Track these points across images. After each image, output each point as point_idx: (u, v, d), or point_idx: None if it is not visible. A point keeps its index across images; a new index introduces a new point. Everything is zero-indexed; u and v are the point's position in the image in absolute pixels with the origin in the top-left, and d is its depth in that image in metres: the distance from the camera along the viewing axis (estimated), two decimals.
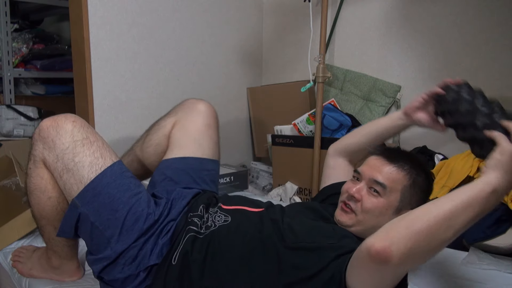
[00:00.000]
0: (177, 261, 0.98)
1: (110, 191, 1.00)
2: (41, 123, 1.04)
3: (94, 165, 1.01)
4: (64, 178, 1.01)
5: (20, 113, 2.42)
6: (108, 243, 1.00)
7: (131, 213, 1.01)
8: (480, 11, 1.84)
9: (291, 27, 2.50)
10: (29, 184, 1.07)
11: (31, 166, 1.06)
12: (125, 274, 1.00)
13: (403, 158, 1.07)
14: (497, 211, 1.49)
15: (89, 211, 1.00)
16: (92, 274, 1.25)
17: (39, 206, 1.07)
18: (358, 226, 1.04)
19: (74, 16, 1.85)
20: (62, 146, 1.00)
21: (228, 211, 1.08)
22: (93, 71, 1.87)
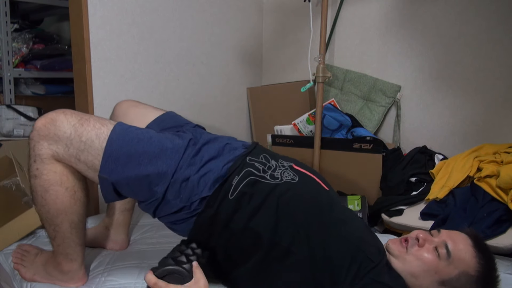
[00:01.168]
0: (234, 197, 1.06)
1: (124, 151, 1.05)
2: (36, 124, 1.06)
3: (100, 135, 1.05)
4: (82, 159, 1.05)
5: (20, 113, 2.41)
6: (150, 190, 1.06)
7: (153, 157, 1.06)
8: (480, 11, 1.84)
9: (291, 27, 2.50)
10: (42, 182, 1.06)
11: (39, 166, 1.06)
12: (178, 206, 1.07)
13: (487, 254, 1.04)
14: (497, 211, 1.49)
15: (118, 177, 1.05)
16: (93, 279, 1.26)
17: (57, 201, 1.07)
18: (399, 261, 1.05)
19: (74, 16, 1.85)
20: (65, 134, 1.04)
21: (298, 172, 1.14)
22: (93, 71, 1.87)
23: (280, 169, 1.13)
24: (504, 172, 1.50)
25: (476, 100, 1.88)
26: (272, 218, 1.03)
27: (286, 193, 1.06)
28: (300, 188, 1.09)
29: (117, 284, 1.22)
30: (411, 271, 1.02)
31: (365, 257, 1.01)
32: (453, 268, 1.00)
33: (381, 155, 1.90)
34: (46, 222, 1.12)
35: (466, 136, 1.92)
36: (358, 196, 1.84)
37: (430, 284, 1.01)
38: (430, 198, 1.66)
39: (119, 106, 1.40)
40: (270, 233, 1.03)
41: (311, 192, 1.11)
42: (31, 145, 1.06)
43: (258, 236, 1.03)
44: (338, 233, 1.04)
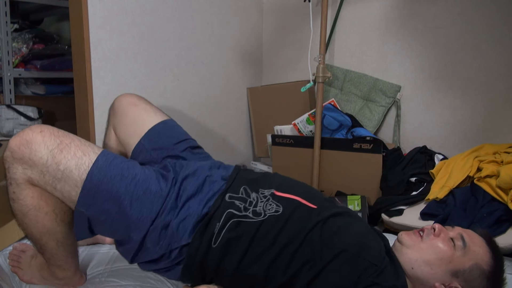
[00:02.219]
0: (218, 244, 1.01)
1: (105, 187, 0.99)
2: (10, 143, 0.98)
3: (81, 165, 0.98)
4: (58, 188, 0.99)
5: (20, 113, 2.41)
6: (128, 233, 1.01)
7: (135, 200, 1.00)
8: (480, 11, 1.84)
9: (291, 27, 2.50)
10: (20, 207, 1.01)
11: (15, 190, 0.99)
12: (157, 254, 1.03)
13: (498, 254, 1.05)
14: (497, 211, 1.49)
15: (95, 213, 1.00)
16: (93, 279, 1.26)
17: (38, 225, 1.02)
18: (412, 251, 1.04)
19: (74, 16, 1.85)
20: (41, 160, 0.96)
21: (281, 200, 1.07)
22: (93, 71, 1.87)
23: (262, 202, 1.07)
24: (504, 172, 1.50)
25: (476, 100, 1.88)
26: (263, 258, 0.99)
27: (272, 229, 1.01)
28: (285, 220, 1.03)
29: (118, 286, 1.22)
30: (426, 259, 1.01)
31: (368, 264, 0.98)
32: (467, 259, 1.00)
33: (381, 155, 1.90)
34: (31, 240, 1.08)
35: (466, 136, 1.92)
36: (358, 196, 1.84)
37: (443, 273, 1.00)
38: (430, 198, 1.66)
39: (119, 101, 1.36)
40: (264, 271, 0.99)
41: (298, 220, 1.03)
42: (6, 166, 0.99)
43: (251, 276, 1.00)
44: (333, 249, 0.99)
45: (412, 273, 1.03)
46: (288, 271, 0.98)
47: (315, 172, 2.02)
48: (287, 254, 0.99)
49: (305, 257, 0.98)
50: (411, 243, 1.05)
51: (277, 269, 0.99)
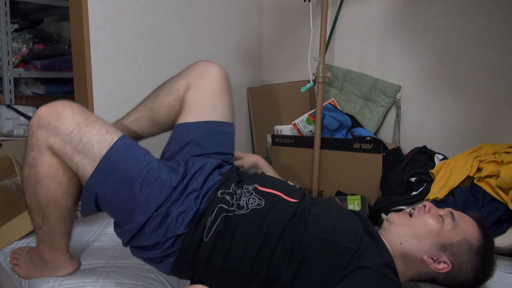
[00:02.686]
0: (209, 238, 1.03)
1: (120, 167, 1.01)
2: (38, 111, 1.02)
3: (102, 142, 1.01)
4: (76, 161, 1.01)
5: (20, 113, 2.41)
6: (131, 215, 1.03)
7: (145, 184, 1.02)
8: (480, 11, 1.84)
9: (291, 27, 2.50)
10: (36, 173, 1.03)
11: (36, 155, 1.02)
12: (152, 241, 1.04)
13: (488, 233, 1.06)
14: (497, 211, 1.49)
15: (105, 190, 1.02)
16: (94, 270, 1.26)
17: (49, 193, 1.03)
18: (401, 227, 1.06)
19: (74, 16, 1.85)
20: (67, 130, 0.99)
21: (263, 195, 1.10)
22: (93, 71, 1.87)
23: (246, 196, 1.10)
24: (504, 172, 1.50)
25: (476, 100, 1.88)
26: (244, 252, 1.02)
27: (254, 222, 1.04)
28: (266, 212, 1.05)
29: (119, 283, 1.22)
30: (414, 232, 1.03)
31: (343, 248, 0.99)
32: (455, 234, 1.02)
33: (381, 155, 1.90)
34: (34, 210, 1.09)
35: (466, 136, 1.92)
36: (358, 196, 1.84)
37: (431, 245, 1.02)
38: (430, 198, 1.66)
39: (216, 71, 1.30)
40: (249, 267, 1.01)
41: (278, 213, 1.06)
42: (30, 132, 1.03)
43: (237, 271, 1.02)
44: (309, 237, 1.01)
45: (401, 249, 1.04)
46: (271, 264, 1.00)
47: (315, 172, 2.02)
48: (269, 247, 1.01)
49: (285, 248, 1.01)
50: (399, 221, 1.08)
51: (261, 263, 1.01)
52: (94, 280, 1.23)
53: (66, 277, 1.24)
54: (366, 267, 0.96)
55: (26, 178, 1.06)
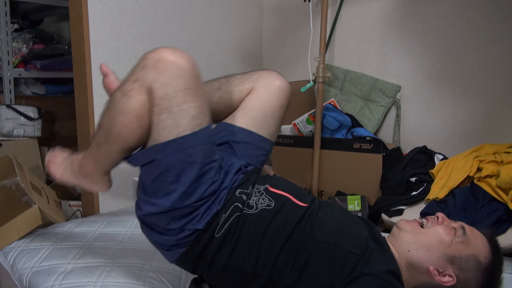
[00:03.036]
0: (220, 235, 1.03)
1: (192, 152, 1.00)
2: (162, 53, 0.97)
3: (195, 119, 0.99)
4: (162, 117, 0.98)
5: (20, 113, 2.41)
6: (168, 194, 1.01)
7: (200, 177, 1.02)
8: (480, 11, 1.84)
9: (291, 27, 2.50)
10: (125, 104, 0.99)
11: (135, 88, 0.98)
12: (170, 226, 1.03)
13: (498, 252, 1.05)
14: (497, 211, 1.49)
15: (165, 161, 0.99)
16: (94, 269, 1.26)
17: (125, 129, 1.00)
18: (411, 234, 1.05)
19: (74, 16, 1.85)
20: (176, 88, 0.96)
21: (274, 196, 1.10)
22: (93, 71, 1.87)
23: (256, 196, 1.10)
24: (504, 172, 1.50)
25: (476, 100, 1.88)
26: (249, 252, 1.02)
27: (262, 222, 1.03)
28: (275, 214, 1.05)
29: (120, 283, 1.22)
30: (425, 241, 1.02)
31: (347, 253, 0.99)
32: (465, 248, 1.01)
33: (381, 155, 1.90)
34: (103, 130, 1.05)
35: (466, 136, 1.92)
36: (358, 196, 1.84)
37: (440, 256, 1.00)
38: (430, 198, 1.66)
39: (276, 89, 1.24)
40: (251, 266, 1.01)
41: (287, 216, 1.05)
42: (143, 63, 0.99)
43: (240, 270, 1.02)
44: (314, 241, 1.01)
45: (408, 257, 1.03)
46: (275, 265, 1.00)
47: (315, 172, 2.02)
48: (274, 249, 1.00)
49: (290, 251, 1.00)
50: (410, 228, 1.06)
51: (265, 264, 1.00)
52: (94, 280, 1.23)
53: (66, 277, 1.24)
54: (370, 274, 0.96)
55: (113, 102, 1.01)
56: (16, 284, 1.30)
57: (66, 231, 1.56)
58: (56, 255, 1.37)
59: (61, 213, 1.79)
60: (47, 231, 1.55)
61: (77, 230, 1.57)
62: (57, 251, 1.40)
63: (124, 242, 1.48)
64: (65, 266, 1.30)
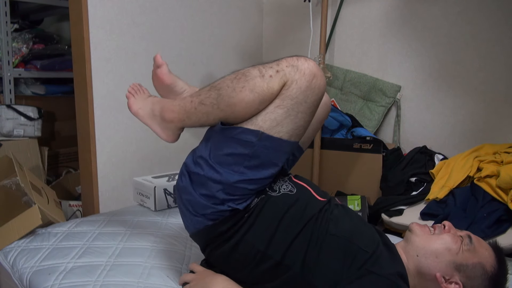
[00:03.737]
0: (247, 215, 1.07)
1: (281, 156, 1.06)
2: (314, 68, 1.00)
3: (297, 130, 1.04)
4: (278, 111, 1.01)
5: (20, 113, 2.41)
6: (237, 172, 1.03)
7: (270, 177, 1.07)
8: (480, 11, 1.84)
9: (291, 27, 2.50)
10: (257, 84, 1.00)
11: (276, 75, 1.01)
12: (217, 194, 1.05)
13: (504, 262, 1.06)
14: (497, 211, 1.49)
15: (258, 149, 1.02)
16: (94, 269, 1.25)
17: (244, 105, 1.01)
18: (420, 239, 1.07)
19: (74, 16, 1.85)
20: (307, 98, 1.01)
21: (296, 185, 1.15)
22: (93, 71, 1.87)
23: (280, 182, 1.14)
24: (504, 172, 1.50)
25: (476, 100, 1.88)
26: (265, 231, 1.05)
27: (282, 206, 1.07)
28: (295, 199, 1.10)
29: (120, 281, 1.23)
30: (433, 248, 1.03)
31: (358, 249, 1.02)
32: (472, 256, 1.02)
33: (381, 155, 1.90)
34: (217, 91, 1.05)
35: (466, 136, 1.92)
36: (358, 196, 1.84)
37: (447, 264, 1.02)
38: (430, 198, 1.66)
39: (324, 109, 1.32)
40: (264, 246, 1.04)
41: (306, 205, 1.10)
42: (294, 63, 1.01)
43: (252, 247, 1.05)
44: (328, 234, 1.05)
45: (416, 262, 1.04)
46: (288, 250, 1.03)
47: (315, 172, 2.02)
48: (290, 233, 1.04)
49: (305, 239, 1.04)
50: (421, 232, 1.08)
51: (278, 245, 1.03)
52: (94, 279, 1.23)
53: (66, 276, 1.24)
54: (379, 273, 0.97)
55: (246, 76, 1.02)
56: (17, 283, 1.30)
57: (66, 231, 1.55)
58: (56, 254, 1.37)
59: (61, 213, 1.79)
60: (47, 231, 1.55)
61: (77, 230, 1.57)
62: (57, 250, 1.40)
63: (124, 242, 1.48)
64: (65, 265, 1.30)
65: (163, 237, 1.53)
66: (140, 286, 1.21)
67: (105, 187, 1.97)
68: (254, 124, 1.03)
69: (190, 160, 1.11)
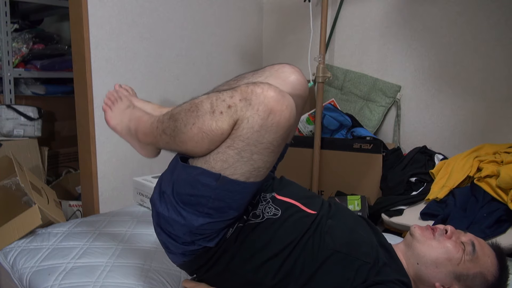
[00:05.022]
0: (223, 245, 1.01)
1: (245, 202, 0.98)
2: (270, 96, 0.87)
3: (257, 171, 0.94)
4: (229, 153, 0.92)
5: (20, 113, 2.41)
6: (201, 215, 0.96)
7: (237, 218, 1.01)
8: (480, 11, 1.84)
9: (291, 27, 2.50)
10: (206, 123, 0.91)
11: (226, 113, 0.89)
12: (184, 237, 1.00)
13: (506, 269, 1.05)
14: (497, 211, 1.49)
15: (220, 193, 0.94)
16: (94, 270, 1.25)
17: (193, 144, 0.94)
18: (422, 246, 1.04)
19: (74, 16, 1.85)
20: (261, 139, 0.89)
21: (281, 204, 1.07)
22: (93, 71, 1.87)
23: (262, 205, 1.07)
24: (504, 172, 1.50)
25: (476, 100, 1.88)
26: (251, 261, 1.00)
27: (267, 232, 1.01)
28: (282, 222, 1.03)
29: (119, 283, 1.22)
30: (434, 257, 1.02)
31: (359, 262, 0.99)
32: (473, 266, 1.00)
33: (381, 155, 1.90)
34: (174, 123, 0.98)
35: (466, 136, 1.92)
36: (358, 196, 1.84)
37: (447, 274, 1.01)
38: (430, 198, 1.66)
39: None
40: (252, 273, 1.00)
41: (294, 225, 1.03)
42: (248, 96, 0.88)
43: (239, 276, 1.01)
44: (325, 249, 1.00)
45: (416, 269, 1.04)
46: (278, 274, 0.98)
47: (315, 172, 2.02)
48: (279, 259, 0.99)
49: (297, 260, 0.99)
50: (423, 238, 1.05)
51: (266, 272, 0.99)
52: (94, 280, 1.23)
53: (66, 276, 1.24)
54: (384, 282, 0.96)
55: (198, 111, 0.93)
56: (16, 284, 1.30)
57: (66, 231, 1.55)
58: (56, 255, 1.37)
59: (61, 213, 1.79)
60: (47, 231, 1.55)
61: (77, 230, 1.57)
62: (57, 251, 1.40)
63: (124, 242, 1.48)
64: (65, 266, 1.30)
65: None
66: None
67: (105, 187, 1.97)
68: (207, 163, 0.95)
69: (156, 194, 1.05)
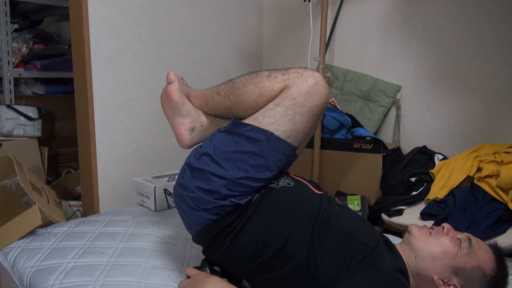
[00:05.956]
0: (248, 209, 1.10)
1: (289, 160, 1.13)
2: (319, 78, 1.07)
3: (295, 133, 1.08)
4: (276, 109, 1.07)
5: (20, 113, 2.41)
6: (242, 169, 1.07)
7: (273, 177, 1.12)
8: (480, 11, 1.84)
9: (291, 27, 2.50)
10: (261, 81, 1.10)
11: (280, 77, 1.09)
12: (220, 190, 1.07)
13: (504, 265, 1.06)
14: (497, 211, 1.49)
15: (266, 150, 1.07)
16: (94, 269, 1.26)
17: (246, 96, 1.11)
18: (419, 241, 1.07)
19: (74, 16, 1.85)
20: (306, 102, 1.06)
21: (294, 178, 1.19)
22: (93, 71, 1.87)
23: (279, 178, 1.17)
24: (504, 172, 1.50)
25: (476, 100, 1.88)
26: (265, 222, 1.07)
27: (280, 196, 1.10)
28: (294, 191, 1.13)
29: (120, 281, 1.23)
30: (431, 251, 1.03)
31: (359, 242, 1.03)
32: (470, 259, 1.02)
33: (381, 155, 1.90)
34: (232, 84, 1.18)
35: (466, 136, 1.92)
36: (358, 196, 1.84)
37: (444, 268, 1.02)
38: (430, 198, 1.66)
39: None
40: (265, 235, 1.06)
41: (305, 197, 1.12)
42: (301, 71, 1.08)
43: (253, 237, 1.06)
44: (330, 226, 1.06)
45: (414, 263, 1.05)
46: (290, 240, 1.04)
47: (315, 172, 2.02)
48: (290, 223, 1.06)
49: (306, 231, 1.05)
50: (419, 234, 1.08)
51: (277, 234, 1.05)
52: (94, 279, 1.23)
53: (67, 276, 1.24)
54: (379, 268, 0.98)
55: (258, 76, 1.12)
56: (17, 283, 1.30)
57: (66, 231, 1.55)
58: (56, 254, 1.37)
59: (61, 213, 1.79)
60: (47, 231, 1.55)
61: (77, 230, 1.57)
62: (57, 250, 1.40)
63: (124, 241, 1.48)
64: (65, 265, 1.30)
65: (163, 237, 1.53)
66: (140, 286, 1.21)
67: (105, 187, 1.97)
68: (255, 120, 1.09)
69: (192, 157, 1.14)
